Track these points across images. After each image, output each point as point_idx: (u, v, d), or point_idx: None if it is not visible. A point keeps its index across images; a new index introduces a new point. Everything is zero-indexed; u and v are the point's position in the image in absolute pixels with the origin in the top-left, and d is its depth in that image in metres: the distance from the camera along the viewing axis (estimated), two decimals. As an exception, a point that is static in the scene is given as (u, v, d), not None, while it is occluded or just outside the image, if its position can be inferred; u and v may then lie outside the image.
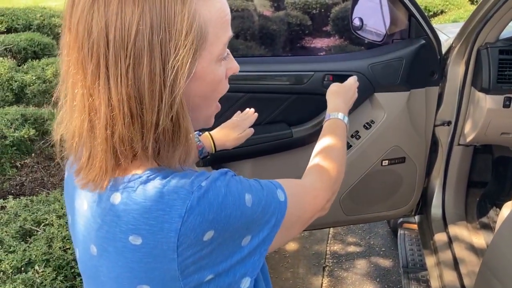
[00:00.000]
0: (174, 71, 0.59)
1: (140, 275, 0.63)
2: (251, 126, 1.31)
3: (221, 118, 1.06)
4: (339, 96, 1.21)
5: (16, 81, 3.47)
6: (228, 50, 0.70)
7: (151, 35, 0.58)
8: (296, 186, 0.82)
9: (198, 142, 1.20)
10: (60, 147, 0.68)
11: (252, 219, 0.66)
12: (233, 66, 0.73)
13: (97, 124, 0.61)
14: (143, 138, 0.62)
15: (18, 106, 3.18)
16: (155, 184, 0.62)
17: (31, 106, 3.39)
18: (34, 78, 3.51)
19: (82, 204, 0.70)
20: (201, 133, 1.23)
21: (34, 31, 5.27)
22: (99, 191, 0.66)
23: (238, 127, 1.28)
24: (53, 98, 0.67)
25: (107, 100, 0.59)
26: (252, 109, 1.35)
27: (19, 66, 3.88)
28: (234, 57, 0.74)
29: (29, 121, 2.68)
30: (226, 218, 0.62)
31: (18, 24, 5.43)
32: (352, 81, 1.31)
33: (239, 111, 1.34)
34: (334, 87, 1.26)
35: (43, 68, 3.72)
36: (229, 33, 0.68)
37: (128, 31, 0.57)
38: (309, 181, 0.89)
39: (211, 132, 1.24)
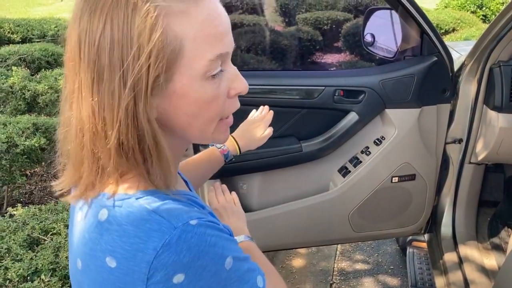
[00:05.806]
0: (135, 88, 0.57)
1: None
2: None
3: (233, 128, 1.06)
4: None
5: (29, 90, 3.52)
6: (231, 68, 0.66)
7: (112, 51, 0.56)
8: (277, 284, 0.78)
9: (223, 147, 1.20)
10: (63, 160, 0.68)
11: (225, 284, 0.62)
12: (238, 86, 0.67)
13: (69, 137, 0.63)
14: (110, 155, 0.60)
15: (30, 115, 3.22)
16: (141, 208, 0.60)
17: (42, 115, 3.42)
18: (46, 87, 3.55)
19: (78, 215, 0.69)
20: None
21: (48, 41, 5.35)
22: (90, 205, 0.65)
23: (259, 127, 1.26)
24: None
25: (79, 114, 0.60)
26: (267, 106, 1.32)
27: (32, 75, 3.93)
28: (245, 70, 0.71)
29: (40, 130, 2.71)
30: (200, 268, 0.59)
31: (33, 35, 5.52)
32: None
33: (254, 110, 1.32)
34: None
35: (55, 78, 3.77)
36: (219, 49, 0.62)
37: (94, 46, 0.57)
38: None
39: (233, 135, 1.23)
